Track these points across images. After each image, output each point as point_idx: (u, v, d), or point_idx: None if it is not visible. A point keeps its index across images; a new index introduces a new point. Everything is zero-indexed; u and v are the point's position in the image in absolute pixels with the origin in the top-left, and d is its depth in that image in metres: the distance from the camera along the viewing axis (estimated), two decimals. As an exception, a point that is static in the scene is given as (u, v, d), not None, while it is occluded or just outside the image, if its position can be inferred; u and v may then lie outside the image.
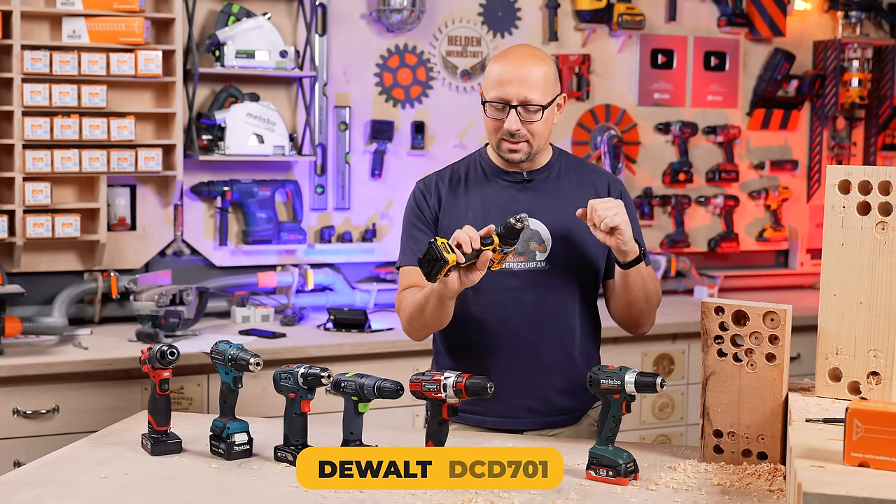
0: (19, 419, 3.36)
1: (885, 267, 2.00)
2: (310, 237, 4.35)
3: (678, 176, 4.91)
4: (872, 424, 1.63)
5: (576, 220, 2.41)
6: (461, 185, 2.51)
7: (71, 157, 3.74)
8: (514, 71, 2.37)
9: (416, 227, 2.51)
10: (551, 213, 2.46)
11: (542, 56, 2.43)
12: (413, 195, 2.56)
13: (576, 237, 2.46)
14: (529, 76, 2.36)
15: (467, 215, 2.46)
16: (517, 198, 2.47)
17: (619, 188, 2.56)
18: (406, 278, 2.49)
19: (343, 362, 3.67)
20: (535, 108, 2.37)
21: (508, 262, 2.41)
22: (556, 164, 2.53)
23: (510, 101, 2.37)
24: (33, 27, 3.82)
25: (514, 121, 2.37)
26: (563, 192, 2.50)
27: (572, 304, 2.49)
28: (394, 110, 4.45)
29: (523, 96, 2.36)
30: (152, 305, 3.68)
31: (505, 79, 2.37)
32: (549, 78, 2.40)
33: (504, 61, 2.40)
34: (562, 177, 2.51)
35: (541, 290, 2.45)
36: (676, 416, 4.29)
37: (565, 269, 2.46)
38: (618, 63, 4.83)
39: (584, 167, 2.59)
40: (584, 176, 2.54)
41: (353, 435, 2.13)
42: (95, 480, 2.05)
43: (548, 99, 2.39)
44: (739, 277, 5.09)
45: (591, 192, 2.50)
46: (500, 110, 2.39)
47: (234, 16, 4.08)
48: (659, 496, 1.96)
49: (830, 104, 5.12)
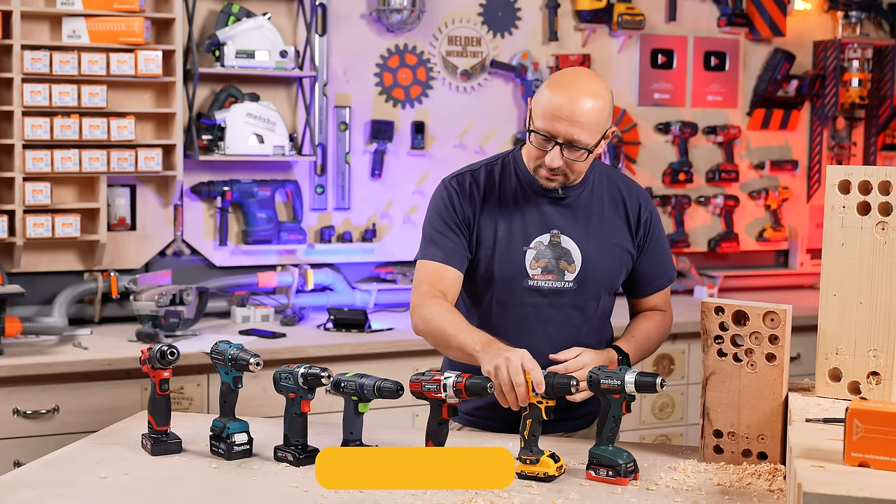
0: (19, 419, 3.36)
1: (885, 267, 2.00)
2: (310, 237, 4.35)
3: (678, 176, 4.91)
4: (872, 424, 1.63)
5: (605, 240, 2.42)
6: (495, 192, 2.43)
7: (71, 157, 3.74)
8: (568, 108, 2.25)
9: (447, 225, 2.41)
10: (583, 233, 2.42)
11: (599, 91, 2.30)
12: (447, 192, 2.44)
13: (604, 257, 2.44)
14: (583, 116, 2.25)
15: (500, 226, 2.41)
16: (550, 214, 2.42)
17: (649, 208, 2.51)
18: (426, 271, 2.40)
19: (343, 362, 3.67)
20: (581, 149, 2.29)
21: (537, 281, 2.40)
22: (591, 179, 2.45)
23: (557, 138, 2.28)
24: (33, 27, 3.82)
25: (556, 157, 2.29)
26: (596, 210, 2.45)
27: (594, 321, 2.49)
28: (394, 110, 4.45)
29: (571, 136, 2.26)
30: (152, 305, 3.68)
31: (557, 113, 2.26)
32: (602, 117, 2.29)
33: (560, 93, 2.28)
34: (595, 193, 2.46)
35: (566, 310, 2.43)
36: (676, 416, 4.30)
37: (592, 289, 2.44)
38: (618, 63, 4.83)
39: (616, 179, 2.51)
40: (617, 193, 2.48)
41: (353, 435, 2.13)
42: (95, 480, 2.05)
43: (596, 138, 2.30)
44: (739, 277, 5.09)
45: (622, 213, 2.46)
46: (544, 141, 2.30)
47: (234, 16, 4.08)
48: (659, 496, 1.96)
49: (830, 104, 5.12)
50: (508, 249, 2.40)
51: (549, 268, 2.40)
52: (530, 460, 2.04)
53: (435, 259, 2.40)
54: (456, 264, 2.39)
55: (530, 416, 2.06)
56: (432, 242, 2.41)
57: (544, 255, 2.40)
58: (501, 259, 2.40)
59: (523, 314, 2.42)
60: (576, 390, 2.03)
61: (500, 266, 2.40)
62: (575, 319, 2.44)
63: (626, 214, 2.48)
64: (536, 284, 2.40)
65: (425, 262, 2.42)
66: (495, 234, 2.41)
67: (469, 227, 2.42)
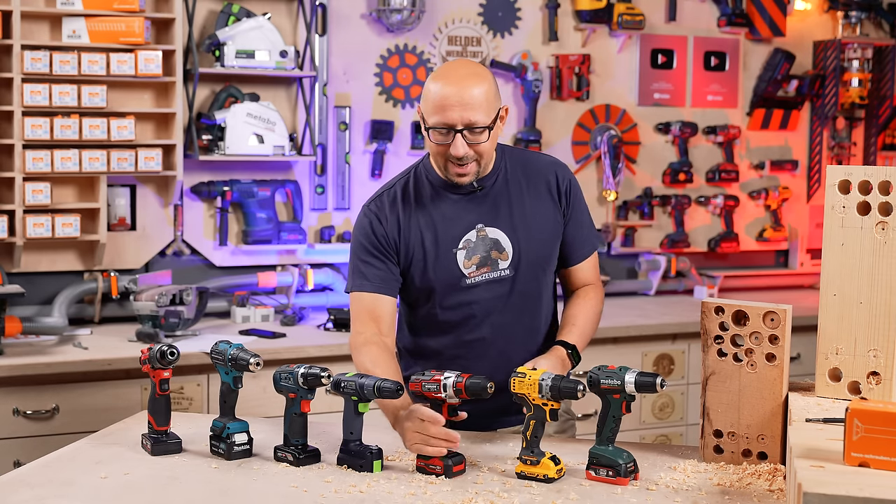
0: (19, 419, 3.36)
1: (885, 267, 2.00)
2: (310, 237, 4.35)
3: (678, 176, 4.91)
4: (872, 424, 1.63)
5: (532, 221, 2.41)
6: (411, 205, 2.44)
7: (71, 157, 3.74)
8: (456, 94, 2.27)
9: (372, 254, 2.42)
10: (507, 220, 2.42)
11: (480, 72, 2.34)
12: (367, 219, 2.44)
13: (535, 238, 2.44)
14: (472, 98, 2.27)
15: (425, 237, 2.41)
16: (470, 210, 2.42)
17: (567, 177, 2.50)
18: (360, 305, 2.42)
19: (343, 362, 3.67)
20: (481, 129, 2.30)
21: (474, 278, 2.41)
22: (502, 166, 2.46)
23: (454, 126, 2.28)
24: (33, 27, 3.82)
25: (460, 145, 2.29)
26: (514, 192, 2.45)
27: (537, 302, 2.49)
28: (394, 110, 4.45)
29: (467, 119, 2.27)
30: (152, 305, 3.68)
31: (446, 103, 2.27)
32: (490, 95, 2.31)
33: (443, 83, 2.30)
34: (510, 179, 2.46)
35: (506, 298, 2.43)
36: (676, 416, 4.30)
37: (529, 272, 2.44)
38: (618, 63, 4.83)
39: (529, 161, 2.51)
40: (533, 171, 2.48)
41: (353, 435, 2.13)
42: (95, 480, 2.05)
43: (491, 117, 2.31)
44: (739, 277, 5.09)
45: (543, 189, 2.46)
46: (444, 135, 2.30)
47: (234, 16, 4.08)
48: (659, 496, 1.96)
49: (830, 104, 5.12)
50: (439, 256, 2.41)
51: (483, 262, 2.41)
52: (531, 461, 2.05)
53: (365, 290, 2.41)
54: (387, 291, 2.42)
55: (534, 418, 2.06)
56: (360, 274, 2.43)
57: (475, 251, 2.41)
58: (434, 267, 2.41)
59: (468, 312, 2.43)
60: (582, 395, 2.02)
61: (435, 274, 2.42)
62: (518, 304, 2.44)
63: (547, 189, 2.47)
64: (475, 281, 2.41)
65: (358, 294, 2.43)
66: (423, 245, 2.42)
67: (395, 249, 2.42)
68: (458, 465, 2.10)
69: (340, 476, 2.08)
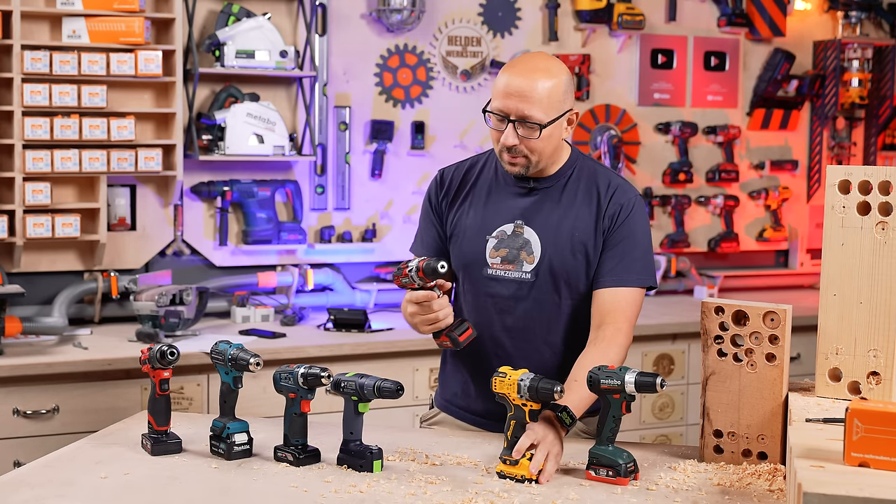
0: (19, 419, 3.36)
1: (885, 267, 2.00)
2: (310, 237, 4.35)
3: (678, 176, 4.91)
4: (872, 424, 1.63)
5: (568, 233, 2.37)
6: (471, 182, 2.49)
7: (71, 157, 3.74)
8: (518, 84, 2.27)
9: (429, 219, 2.54)
10: (545, 225, 2.39)
11: (553, 69, 2.31)
12: (432, 184, 2.55)
13: (563, 250, 2.38)
14: (533, 92, 2.27)
15: (471, 214, 2.46)
16: (518, 204, 2.42)
17: (621, 202, 2.38)
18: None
19: (343, 362, 3.67)
20: (534, 124, 2.28)
21: (495, 269, 2.41)
22: (570, 172, 2.42)
23: (509, 115, 2.29)
24: (33, 27, 3.82)
25: (510, 135, 2.30)
26: (566, 203, 2.40)
27: (556, 318, 2.40)
28: (394, 110, 4.45)
29: (522, 112, 2.27)
30: (152, 305, 3.68)
31: (508, 91, 2.28)
32: (555, 94, 2.29)
33: (512, 72, 2.30)
34: (569, 186, 2.41)
35: (524, 302, 2.40)
36: (676, 416, 4.30)
37: (550, 283, 2.38)
38: (618, 63, 4.83)
39: (597, 175, 2.43)
40: (592, 186, 2.41)
41: (353, 435, 2.13)
42: (95, 480, 2.05)
43: (551, 116, 2.29)
44: (739, 277, 5.09)
45: (593, 205, 2.39)
46: (499, 121, 2.32)
47: (234, 16, 4.08)
48: (659, 496, 1.96)
49: (830, 104, 5.12)
50: (472, 238, 2.44)
51: (509, 258, 2.40)
52: (511, 461, 2.05)
53: (416, 253, 2.52)
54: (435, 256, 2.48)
55: (514, 418, 2.06)
56: (418, 236, 2.57)
57: (505, 244, 2.41)
58: (465, 247, 2.45)
59: (483, 302, 2.43)
60: (559, 396, 2.01)
61: (463, 254, 2.45)
62: (534, 315, 2.40)
63: (596, 206, 2.40)
64: (495, 273, 2.41)
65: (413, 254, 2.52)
66: (466, 221, 2.46)
67: (442, 218, 2.51)
68: (463, 333, 2.26)
69: (340, 476, 2.08)
